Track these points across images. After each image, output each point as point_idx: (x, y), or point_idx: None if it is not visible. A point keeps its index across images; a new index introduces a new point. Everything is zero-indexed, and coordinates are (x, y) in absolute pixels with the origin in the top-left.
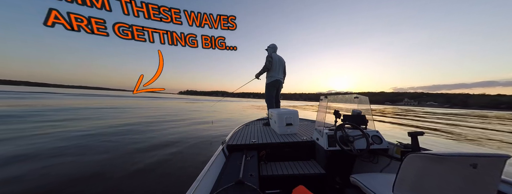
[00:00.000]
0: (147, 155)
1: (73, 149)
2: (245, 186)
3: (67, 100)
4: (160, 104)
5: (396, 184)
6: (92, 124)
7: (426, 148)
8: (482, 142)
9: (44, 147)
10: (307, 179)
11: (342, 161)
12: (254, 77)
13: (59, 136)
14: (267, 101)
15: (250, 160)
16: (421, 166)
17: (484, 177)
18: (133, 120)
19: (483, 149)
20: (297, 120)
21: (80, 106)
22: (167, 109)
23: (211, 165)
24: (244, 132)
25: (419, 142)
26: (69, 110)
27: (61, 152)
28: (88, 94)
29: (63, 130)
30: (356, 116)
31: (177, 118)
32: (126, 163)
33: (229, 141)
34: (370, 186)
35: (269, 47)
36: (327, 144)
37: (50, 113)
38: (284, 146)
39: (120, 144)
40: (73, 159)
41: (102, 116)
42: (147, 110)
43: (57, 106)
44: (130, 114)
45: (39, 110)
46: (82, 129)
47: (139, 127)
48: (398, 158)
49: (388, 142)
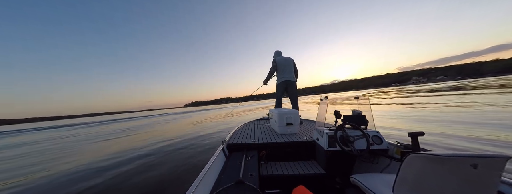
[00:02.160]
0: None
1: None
2: (245, 186)
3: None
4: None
5: (396, 185)
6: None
7: (426, 149)
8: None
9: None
10: (307, 179)
11: (342, 161)
12: (262, 84)
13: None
14: (276, 101)
15: (250, 160)
16: (421, 167)
17: (485, 178)
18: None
19: (483, 149)
20: (297, 120)
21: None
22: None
23: (211, 165)
24: (244, 132)
25: (419, 142)
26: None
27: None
28: (113, 120)
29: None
30: (356, 116)
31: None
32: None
33: (229, 140)
34: (370, 186)
35: (274, 54)
36: (327, 144)
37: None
38: (284, 146)
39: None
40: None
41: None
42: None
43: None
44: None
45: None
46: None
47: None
48: (398, 159)
49: (388, 143)
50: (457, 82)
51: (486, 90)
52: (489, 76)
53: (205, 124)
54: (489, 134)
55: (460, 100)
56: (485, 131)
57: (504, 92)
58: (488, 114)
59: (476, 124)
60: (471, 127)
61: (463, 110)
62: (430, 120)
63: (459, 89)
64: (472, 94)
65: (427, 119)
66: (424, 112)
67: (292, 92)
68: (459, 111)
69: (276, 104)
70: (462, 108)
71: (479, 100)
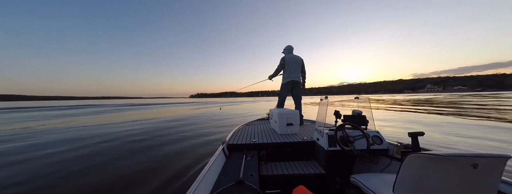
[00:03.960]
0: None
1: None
2: (245, 186)
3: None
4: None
5: (397, 184)
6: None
7: (426, 149)
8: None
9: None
10: (307, 179)
11: (342, 161)
12: (267, 78)
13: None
14: (278, 100)
15: (250, 160)
16: (421, 167)
17: (485, 177)
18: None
19: (484, 149)
20: (297, 120)
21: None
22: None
23: (211, 165)
24: (245, 132)
25: (419, 142)
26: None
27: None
28: (133, 105)
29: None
30: (356, 116)
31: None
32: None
33: (229, 140)
34: (371, 186)
35: (285, 49)
36: (328, 144)
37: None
38: (284, 146)
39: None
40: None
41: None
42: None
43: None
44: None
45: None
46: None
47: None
48: (398, 158)
49: (389, 142)
50: (475, 93)
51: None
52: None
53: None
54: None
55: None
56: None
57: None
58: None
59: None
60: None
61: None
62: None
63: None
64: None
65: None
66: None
67: (297, 93)
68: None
69: (279, 104)
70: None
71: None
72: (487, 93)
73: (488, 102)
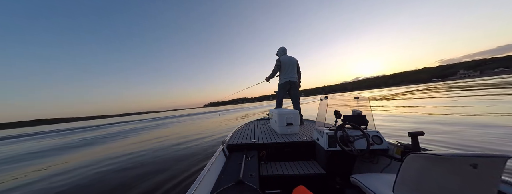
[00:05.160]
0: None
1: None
2: (245, 186)
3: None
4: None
5: (397, 184)
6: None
7: (427, 148)
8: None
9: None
10: (307, 179)
11: (342, 161)
12: (264, 80)
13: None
14: (276, 101)
15: (251, 160)
16: (421, 166)
17: (484, 177)
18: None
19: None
20: (297, 120)
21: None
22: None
23: (211, 165)
24: (245, 132)
25: (419, 142)
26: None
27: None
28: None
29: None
30: (356, 116)
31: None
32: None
33: (229, 140)
34: (371, 186)
35: (278, 51)
36: (328, 144)
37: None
38: (284, 146)
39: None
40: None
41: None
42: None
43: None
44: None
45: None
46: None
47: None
48: (398, 158)
49: (389, 142)
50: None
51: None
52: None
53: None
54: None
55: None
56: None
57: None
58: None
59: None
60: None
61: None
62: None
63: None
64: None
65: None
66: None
67: (294, 93)
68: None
69: (277, 104)
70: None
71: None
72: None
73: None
